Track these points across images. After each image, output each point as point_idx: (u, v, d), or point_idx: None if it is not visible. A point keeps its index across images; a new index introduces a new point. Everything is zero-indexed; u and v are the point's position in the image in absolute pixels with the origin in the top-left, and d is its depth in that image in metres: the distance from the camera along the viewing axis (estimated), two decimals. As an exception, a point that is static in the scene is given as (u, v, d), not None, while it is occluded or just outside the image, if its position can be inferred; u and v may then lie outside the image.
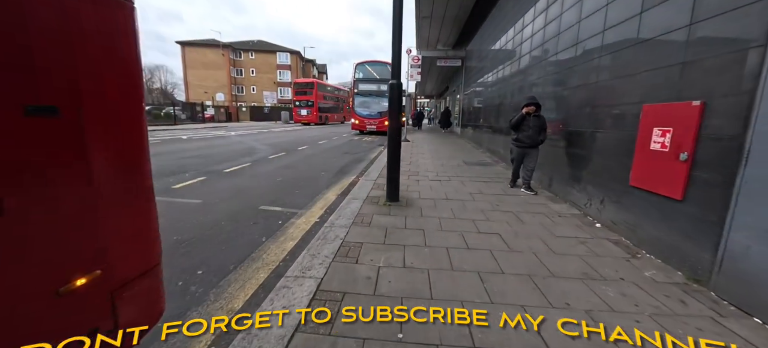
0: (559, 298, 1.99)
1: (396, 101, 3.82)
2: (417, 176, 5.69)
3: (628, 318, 1.82)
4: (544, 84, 5.22)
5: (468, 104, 13.33)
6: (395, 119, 3.88)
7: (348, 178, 5.87)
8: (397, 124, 3.90)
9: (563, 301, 1.96)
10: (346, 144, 12.23)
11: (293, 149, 9.89)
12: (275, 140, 12.72)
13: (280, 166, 7.01)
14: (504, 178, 5.52)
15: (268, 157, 8.18)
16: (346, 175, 6.23)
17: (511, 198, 4.32)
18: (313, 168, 6.80)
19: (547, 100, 4.78)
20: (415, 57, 11.80)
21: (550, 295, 2.01)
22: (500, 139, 7.69)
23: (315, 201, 4.38)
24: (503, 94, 7.64)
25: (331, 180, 5.75)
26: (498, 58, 8.28)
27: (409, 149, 9.74)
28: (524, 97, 5.00)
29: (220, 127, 22.75)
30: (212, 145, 10.44)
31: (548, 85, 5.00)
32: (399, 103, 3.87)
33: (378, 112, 17.57)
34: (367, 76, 17.83)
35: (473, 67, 12.42)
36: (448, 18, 13.89)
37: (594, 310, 1.89)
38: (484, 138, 9.65)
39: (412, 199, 4.18)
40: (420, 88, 32.68)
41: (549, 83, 4.98)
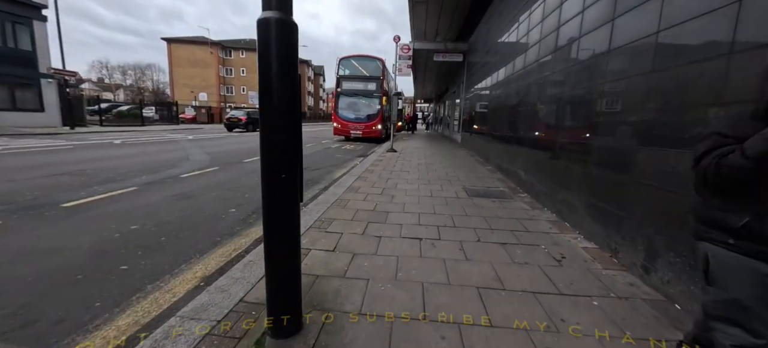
0: None
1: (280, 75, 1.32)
2: (379, 224, 3.19)
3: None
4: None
5: (471, 107, 10.86)
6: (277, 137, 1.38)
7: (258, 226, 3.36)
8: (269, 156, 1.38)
9: None
10: (316, 155, 9.73)
11: (236, 162, 7.38)
12: (227, 148, 10.21)
13: (181, 192, 4.51)
14: (546, 239, 3.01)
15: (180, 175, 5.66)
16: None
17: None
18: (226, 200, 4.29)
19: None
20: (404, 46, 9.35)
21: None
22: (520, 156, 5.19)
23: (143, 296, 1.88)
24: (526, 91, 5.15)
25: (232, 229, 3.24)
26: (514, 44, 5.81)
27: (392, 164, 7.25)
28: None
29: (185, 130, 20.28)
30: (130, 155, 7.93)
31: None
32: (290, 80, 1.36)
33: (366, 115, 15.09)
34: (353, 72, 15.37)
35: (477, 63, 9.97)
36: (448, 3, 11.48)
37: None
38: (493, 150, 7.16)
39: (338, 319, 1.68)
40: (418, 91, 30.36)
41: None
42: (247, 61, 47.17)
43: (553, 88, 4.05)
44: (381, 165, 7.10)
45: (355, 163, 7.98)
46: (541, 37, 4.52)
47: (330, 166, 7.42)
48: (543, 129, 4.33)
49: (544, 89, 4.33)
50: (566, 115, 3.68)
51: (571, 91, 3.57)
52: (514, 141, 5.50)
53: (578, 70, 3.43)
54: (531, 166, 4.63)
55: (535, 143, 4.56)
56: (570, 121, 3.61)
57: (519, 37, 5.59)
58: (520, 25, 5.55)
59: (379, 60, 15.11)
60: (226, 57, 46.53)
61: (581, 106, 3.34)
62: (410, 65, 9.76)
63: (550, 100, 4.10)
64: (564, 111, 3.73)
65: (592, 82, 3.13)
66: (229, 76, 47.04)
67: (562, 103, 3.78)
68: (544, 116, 4.27)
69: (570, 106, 3.59)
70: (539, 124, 4.44)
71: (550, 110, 4.06)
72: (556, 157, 3.83)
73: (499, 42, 7.08)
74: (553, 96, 4.02)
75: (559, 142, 3.76)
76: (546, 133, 4.22)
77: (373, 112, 14.91)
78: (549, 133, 4.11)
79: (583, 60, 3.34)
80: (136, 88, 63.29)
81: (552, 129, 4.03)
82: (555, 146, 3.85)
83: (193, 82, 42.93)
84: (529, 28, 5.06)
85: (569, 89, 3.61)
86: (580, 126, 3.35)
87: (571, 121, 3.59)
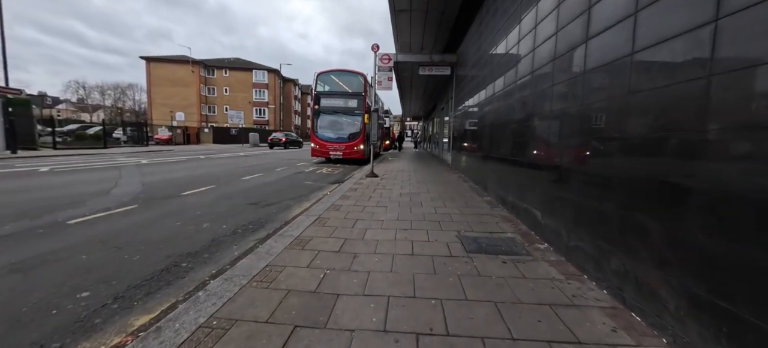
0: None
1: None
2: (317, 331, 1.72)
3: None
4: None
5: (461, 124, 9.63)
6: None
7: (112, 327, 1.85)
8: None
9: None
10: (281, 182, 8.25)
11: (170, 196, 5.84)
12: (178, 175, 8.65)
13: (33, 255, 2.96)
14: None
15: (69, 220, 4.08)
16: (152, 296, 2.23)
17: None
18: (91, 270, 2.77)
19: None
20: (384, 56, 8.13)
21: None
22: (535, 187, 3.84)
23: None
24: (533, 103, 3.87)
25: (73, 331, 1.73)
26: (507, 56, 4.59)
27: (369, 194, 5.82)
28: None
29: (152, 153, 18.57)
30: (37, 188, 6.30)
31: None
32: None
33: (348, 135, 13.75)
34: (333, 88, 14.13)
35: (466, 77, 8.81)
36: (434, 11, 10.41)
37: None
38: (492, 175, 5.82)
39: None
40: (406, 109, 29.46)
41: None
42: (230, 80, 45.85)
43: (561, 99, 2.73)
44: (354, 197, 5.67)
45: (324, 193, 6.53)
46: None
47: (290, 199, 5.94)
48: (582, 148, 2.93)
49: (591, 84, 3.02)
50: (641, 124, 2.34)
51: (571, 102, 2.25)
52: (525, 166, 4.17)
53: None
54: (555, 204, 3.26)
55: (562, 172, 3.21)
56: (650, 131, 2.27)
57: (508, 42, 4.36)
58: (516, 29, 4.34)
59: (361, 75, 13.93)
60: (208, 76, 45.13)
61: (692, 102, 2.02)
62: (391, 77, 8.52)
63: (605, 103, 2.78)
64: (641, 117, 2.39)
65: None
66: (212, 95, 45.51)
67: (558, 114, 2.45)
68: (588, 130, 2.91)
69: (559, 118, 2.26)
70: (576, 140, 3.09)
71: (607, 119, 2.72)
72: (607, 196, 2.46)
73: (483, 58, 5.88)
74: (616, 94, 2.70)
75: (618, 172, 2.41)
76: (589, 154, 2.85)
77: (355, 131, 13.58)
78: (590, 154, 2.76)
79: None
80: (115, 109, 61.25)
81: (603, 148, 2.69)
82: (607, 180, 2.50)
83: (172, 101, 41.19)
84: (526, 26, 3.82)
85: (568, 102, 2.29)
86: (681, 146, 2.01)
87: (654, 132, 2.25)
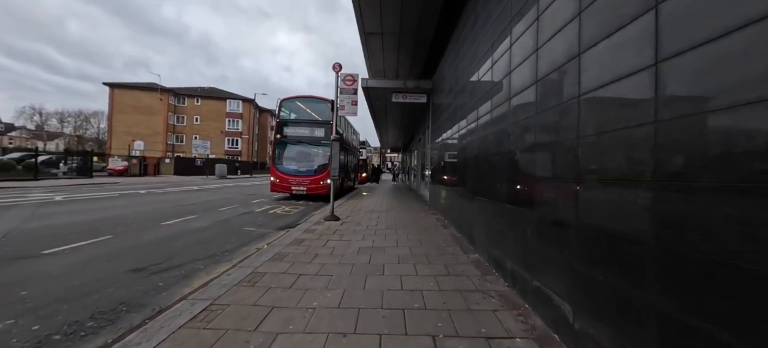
0: None
1: None
2: None
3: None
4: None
5: (438, 156, 8.44)
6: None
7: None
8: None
9: None
10: (215, 226, 6.56)
11: (27, 256, 4.06)
12: (74, 219, 6.78)
13: None
14: None
15: None
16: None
17: None
18: None
19: None
20: (347, 77, 6.94)
21: None
22: (557, 258, 2.48)
23: None
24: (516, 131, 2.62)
25: None
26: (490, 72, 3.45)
27: (317, 250, 4.28)
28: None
29: (91, 185, 16.24)
30: None
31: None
32: None
33: (315, 168, 12.28)
34: (299, 116, 12.81)
35: (442, 105, 7.76)
36: (407, 34, 9.50)
37: None
38: (481, 224, 4.47)
39: None
40: (384, 140, 28.57)
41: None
42: (202, 109, 43.88)
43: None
44: (293, 255, 4.12)
45: (260, 245, 4.93)
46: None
47: (205, 258, 4.29)
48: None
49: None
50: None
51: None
52: (534, 217, 2.84)
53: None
54: (561, 273, 1.89)
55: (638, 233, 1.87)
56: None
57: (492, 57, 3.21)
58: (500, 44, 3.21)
59: (329, 101, 12.73)
60: (178, 104, 43.00)
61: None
62: (355, 102, 7.30)
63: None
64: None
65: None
66: (180, 124, 43.15)
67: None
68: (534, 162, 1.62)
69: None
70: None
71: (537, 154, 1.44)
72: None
73: (462, 83, 4.78)
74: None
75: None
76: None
77: (323, 164, 12.14)
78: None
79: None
80: (74, 137, 57.24)
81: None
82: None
83: (136, 129, 38.53)
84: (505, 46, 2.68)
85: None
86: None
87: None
